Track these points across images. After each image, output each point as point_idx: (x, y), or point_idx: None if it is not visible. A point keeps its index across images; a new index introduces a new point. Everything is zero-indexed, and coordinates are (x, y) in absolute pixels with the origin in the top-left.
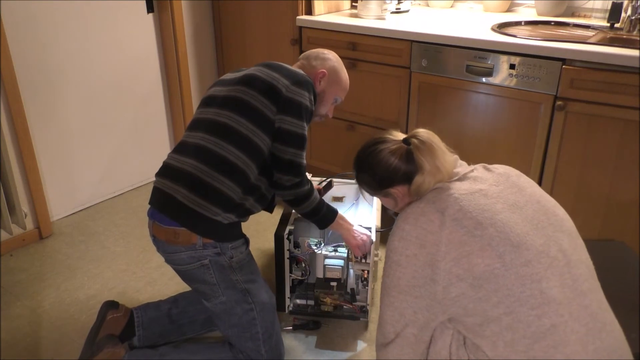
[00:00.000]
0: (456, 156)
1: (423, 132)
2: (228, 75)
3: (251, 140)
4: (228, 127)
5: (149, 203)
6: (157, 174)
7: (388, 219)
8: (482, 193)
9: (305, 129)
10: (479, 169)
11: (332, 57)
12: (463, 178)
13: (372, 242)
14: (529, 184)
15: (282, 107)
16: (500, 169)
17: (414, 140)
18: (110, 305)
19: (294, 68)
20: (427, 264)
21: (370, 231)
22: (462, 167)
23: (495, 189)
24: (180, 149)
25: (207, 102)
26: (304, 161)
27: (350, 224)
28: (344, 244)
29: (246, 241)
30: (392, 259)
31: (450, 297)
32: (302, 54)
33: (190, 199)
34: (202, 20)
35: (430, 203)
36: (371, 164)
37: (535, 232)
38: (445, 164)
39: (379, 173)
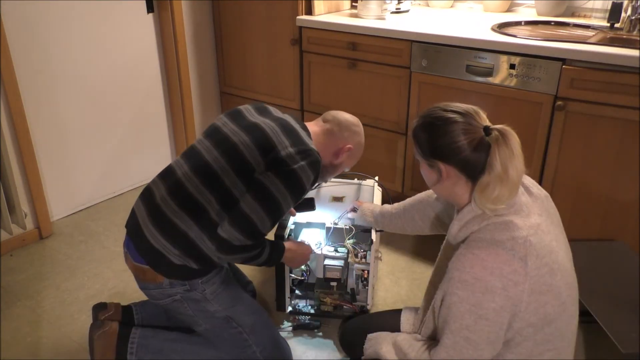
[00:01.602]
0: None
1: (508, 128)
2: (249, 111)
3: (232, 194)
4: (214, 175)
5: (125, 226)
6: (140, 196)
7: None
8: (541, 229)
9: (286, 203)
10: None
11: (361, 130)
12: (518, 209)
13: (311, 251)
14: (551, 206)
15: (282, 176)
16: (534, 189)
17: (496, 132)
18: (99, 308)
19: (316, 133)
20: (510, 314)
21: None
22: None
23: (544, 222)
24: (165, 176)
25: (210, 133)
26: (267, 231)
27: (293, 250)
28: (344, 244)
29: (221, 268)
30: (476, 313)
31: (515, 340)
32: (332, 115)
33: (157, 239)
34: (202, 20)
35: (508, 250)
36: (436, 128)
37: (571, 264)
38: (515, 173)
39: (439, 142)
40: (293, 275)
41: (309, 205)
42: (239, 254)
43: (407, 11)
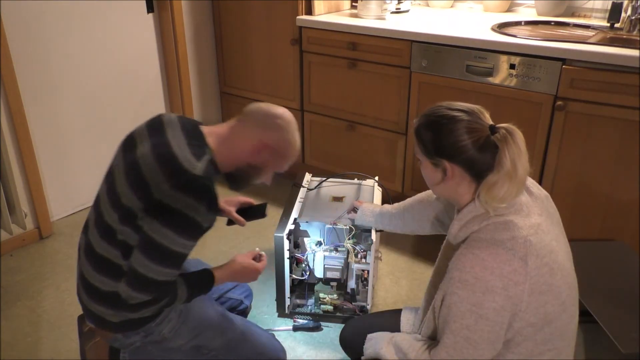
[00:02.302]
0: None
1: (514, 127)
2: (142, 135)
3: (129, 246)
4: (110, 229)
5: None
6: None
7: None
8: (541, 229)
9: (181, 245)
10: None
11: (285, 124)
12: (518, 209)
13: (263, 263)
14: (551, 206)
15: (164, 220)
16: (534, 189)
17: (503, 130)
18: (84, 318)
19: (220, 135)
20: (510, 313)
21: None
22: None
23: (544, 222)
24: (84, 231)
25: (107, 176)
26: (171, 277)
27: (230, 269)
28: (344, 244)
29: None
30: (476, 312)
31: (515, 340)
32: (249, 109)
33: (90, 304)
34: (202, 20)
35: (508, 250)
36: (442, 127)
37: (571, 264)
38: (523, 171)
39: (444, 140)
40: (293, 275)
41: (260, 212)
42: (143, 310)
43: (407, 11)
